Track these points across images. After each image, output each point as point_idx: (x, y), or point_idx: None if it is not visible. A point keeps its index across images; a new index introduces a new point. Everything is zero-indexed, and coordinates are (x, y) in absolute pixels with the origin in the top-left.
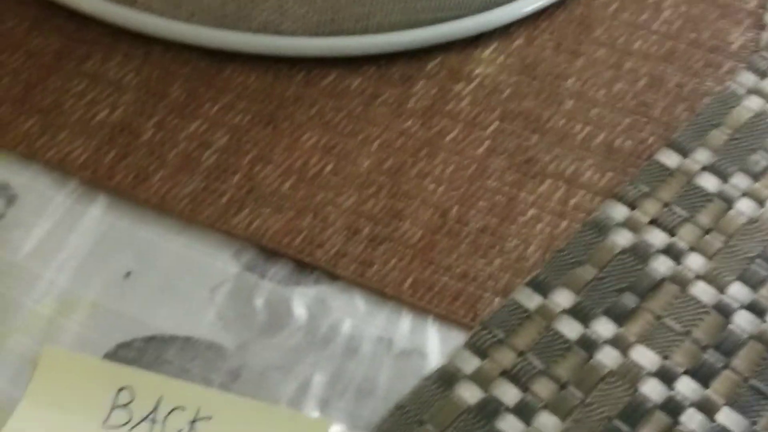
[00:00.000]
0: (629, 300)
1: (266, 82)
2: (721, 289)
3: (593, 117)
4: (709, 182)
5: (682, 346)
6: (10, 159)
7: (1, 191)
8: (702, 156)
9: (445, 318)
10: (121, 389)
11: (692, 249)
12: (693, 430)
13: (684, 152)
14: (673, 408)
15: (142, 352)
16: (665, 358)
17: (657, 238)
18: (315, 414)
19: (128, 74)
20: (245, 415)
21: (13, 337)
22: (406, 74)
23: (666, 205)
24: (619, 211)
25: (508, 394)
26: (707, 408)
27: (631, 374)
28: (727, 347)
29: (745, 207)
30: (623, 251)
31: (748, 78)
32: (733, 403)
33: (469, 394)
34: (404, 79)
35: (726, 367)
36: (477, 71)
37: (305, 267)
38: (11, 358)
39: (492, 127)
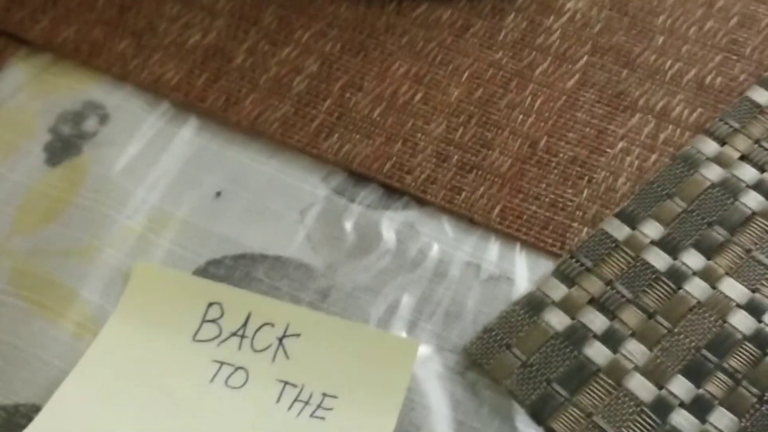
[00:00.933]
0: (718, 233)
1: (358, 11)
2: None
3: (684, 53)
4: None
5: None
6: (104, 80)
7: (95, 110)
8: None
9: (534, 246)
10: (210, 304)
11: None
12: None
13: None
14: (762, 340)
15: (231, 269)
16: (754, 291)
17: (747, 173)
18: (402, 335)
19: None
20: (334, 334)
21: (106, 251)
22: (497, 7)
23: (756, 141)
24: (709, 146)
25: (596, 321)
26: None
27: (719, 306)
28: None
29: None
30: (713, 185)
31: None
32: None
33: (557, 320)
34: (495, 12)
35: None
36: (568, 6)
37: (394, 192)
38: (104, 272)
39: (582, 61)
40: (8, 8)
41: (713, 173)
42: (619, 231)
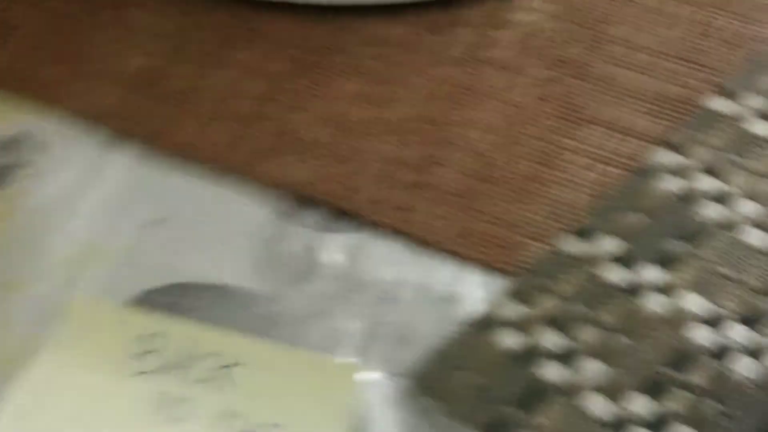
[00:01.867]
0: (678, 247)
1: (304, 30)
2: None
3: (642, 64)
4: (760, 128)
5: (733, 292)
6: (38, 106)
7: (29, 139)
8: (754, 102)
9: (487, 265)
10: (151, 335)
11: (743, 195)
12: (744, 374)
13: (735, 98)
14: (723, 354)
15: (173, 298)
16: (715, 304)
17: (707, 184)
18: (352, 360)
19: (161, 21)
20: (275, 361)
21: (40, 283)
22: (446, 21)
23: (716, 151)
24: (668, 158)
25: (552, 340)
26: (759, 353)
27: (679, 321)
28: None
29: None
30: (672, 198)
31: None
32: None
33: (511, 340)
34: (445, 26)
35: None
36: (520, 18)
37: (342, 214)
38: (38, 304)
39: (536, 74)
40: None
41: (673, 185)
42: (576, 247)
